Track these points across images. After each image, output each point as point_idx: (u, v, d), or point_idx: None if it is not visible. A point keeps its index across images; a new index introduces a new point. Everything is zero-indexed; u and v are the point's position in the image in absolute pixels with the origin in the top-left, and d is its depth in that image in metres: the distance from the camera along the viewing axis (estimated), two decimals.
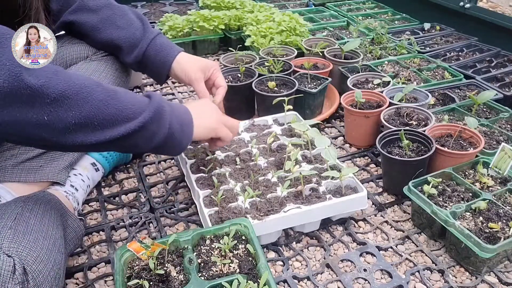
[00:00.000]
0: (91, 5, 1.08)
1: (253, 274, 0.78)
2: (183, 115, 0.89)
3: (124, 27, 1.09)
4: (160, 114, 0.81)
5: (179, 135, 0.86)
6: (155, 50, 1.10)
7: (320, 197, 1.00)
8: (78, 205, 1.06)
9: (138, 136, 0.78)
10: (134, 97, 0.80)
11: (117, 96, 0.76)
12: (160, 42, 1.11)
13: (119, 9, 1.11)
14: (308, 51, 1.71)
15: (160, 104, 0.82)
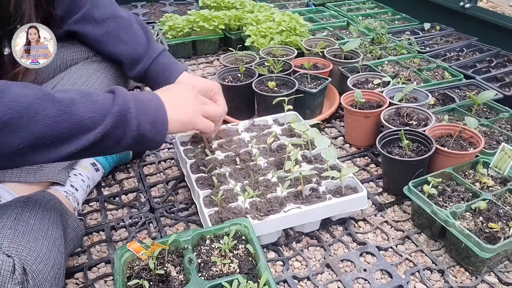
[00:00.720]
0: (97, 16, 1.04)
1: (253, 274, 0.78)
2: (154, 111, 0.82)
3: (128, 42, 1.06)
4: (124, 117, 0.75)
5: (150, 134, 0.81)
6: (157, 70, 1.08)
7: (320, 197, 1.00)
8: (78, 205, 1.05)
9: (102, 144, 0.74)
10: (94, 103, 0.73)
11: (73, 108, 0.70)
12: (163, 62, 1.08)
13: (124, 21, 1.07)
14: (308, 51, 1.71)
15: (124, 105, 0.76)
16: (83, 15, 1.03)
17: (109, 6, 1.06)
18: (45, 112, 0.66)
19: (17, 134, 0.64)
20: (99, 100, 0.74)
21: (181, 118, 0.87)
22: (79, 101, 0.71)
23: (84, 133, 0.71)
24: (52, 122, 0.67)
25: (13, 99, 0.64)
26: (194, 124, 0.92)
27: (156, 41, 1.11)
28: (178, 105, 0.87)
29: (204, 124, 0.94)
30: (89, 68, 1.08)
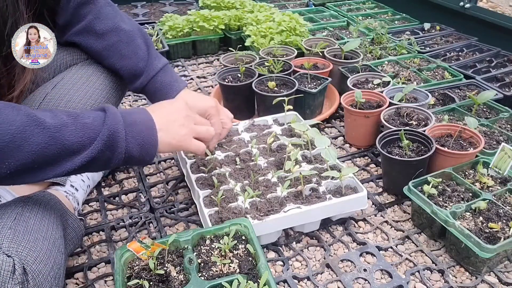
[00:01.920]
0: (98, 29, 1.01)
1: (253, 274, 0.78)
2: (144, 133, 0.80)
3: (128, 57, 1.03)
4: (114, 141, 0.75)
5: (139, 155, 0.79)
6: (155, 88, 1.06)
7: (320, 197, 1.00)
8: (78, 205, 1.05)
9: (90, 166, 0.74)
10: (84, 126, 0.72)
11: (62, 133, 0.69)
12: (161, 80, 1.06)
13: (126, 34, 1.03)
14: (308, 51, 1.71)
15: (114, 128, 0.75)
16: (84, 27, 1.00)
17: (112, 18, 1.03)
18: (34, 139, 0.66)
19: (4, 162, 0.64)
20: (88, 123, 0.73)
21: (172, 141, 0.85)
22: (68, 124, 0.70)
23: (72, 156, 0.70)
24: (40, 149, 0.66)
25: (1, 125, 0.63)
26: (185, 147, 0.89)
27: (158, 56, 1.08)
28: (170, 126, 0.85)
29: (195, 146, 0.90)
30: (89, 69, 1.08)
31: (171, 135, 0.85)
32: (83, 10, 1.00)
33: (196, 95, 1.09)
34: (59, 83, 1.02)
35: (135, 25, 1.07)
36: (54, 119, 0.70)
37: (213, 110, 1.05)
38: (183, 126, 0.87)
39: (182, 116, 0.88)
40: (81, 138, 0.71)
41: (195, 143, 0.90)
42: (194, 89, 1.76)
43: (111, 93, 1.07)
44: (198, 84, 1.79)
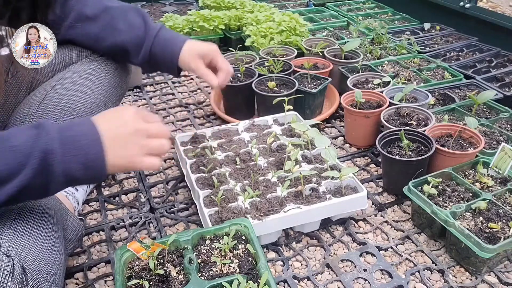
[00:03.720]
0: (89, 13, 1.02)
1: (253, 274, 0.78)
2: (87, 149, 0.69)
3: (126, 30, 1.04)
4: (46, 164, 0.65)
5: (83, 176, 0.70)
6: (161, 47, 1.07)
7: (320, 197, 1.00)
8: (78, 205, 1.05)
9: (23, 195, 0.66)
10: (12, 150, 0.64)
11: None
12: (164, 38, 1.07)
13: (117, 10, 1.05)
14: (308, 51, 1.71)
15: (46, 149, 0.65)
16: (76, 17, 1.01)
17: (99, 1, 1.05)
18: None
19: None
20: (16, 146, 0.64)
21: (120, 161, 0.73)
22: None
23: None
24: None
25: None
26: (137, 167, 0.78)
27: (153, 23, 1.10)
28: (118, 144, 0.73)
29: (149, 163, 0.78)
30: (88, 67, 1.07)
31: (119, 155, 0.73)
32: (70, 1, 1.02)
33: (199, 42, 1.12)
34: (58, 83, 1.02)
35: (124, 3, 1.09)
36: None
37: (215, 50, 1.11)
38: (133, 144, 0.75)
39: (132, 132, 0.75)
40: (8, 165, 0.63)
41: (148, 161, 0.77)
42: (194, 89, 1.76)
43: (111, 92, 1.07)
44: (198, 84, 1.79)
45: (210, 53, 1.10)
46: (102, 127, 0.72)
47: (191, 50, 1.08)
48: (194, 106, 1.63)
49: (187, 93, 1.73)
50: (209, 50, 1.10)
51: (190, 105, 1.64)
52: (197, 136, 1.21)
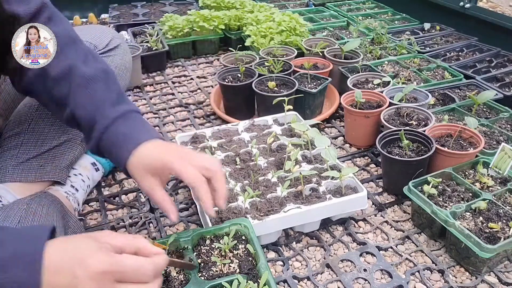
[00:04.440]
0: (52, 72, 0.81)
1: (253, 274, 0.78)
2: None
3: (82, 105, 0.80)
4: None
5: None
6: (110, 144, 0.78)
7: (320, 197, 1.00)
8: (78, 205, 1.06)
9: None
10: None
11: None
12: (117, 132, 0.78)
13: (82, 75, 0.81)
14: (308, 51, 1.71)
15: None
16: (38, 72, 0.81)
17: (70, 57, 0.82)
18: None
19: None
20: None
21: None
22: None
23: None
24: None
25: None
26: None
27: (120, 102, 0.82)
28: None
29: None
30: None
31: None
32: None
33: (157, 148, 0.77)
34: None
35: (100, 66, 0.85)
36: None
37: (176, 163, 0.74)
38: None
39: (91, 277, 0.53)
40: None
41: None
42: (194, 89, 1.76)
43: None
44: (198, 84, 1.79)
45: (165, 169, 0.76)
46: (49, 281, 0.52)
47: (140, 163, 0.76)
48: (194, 106, 1.63)
49: (187, 93, 1.73)
50: (163, 165, 0.75)
51: (190, 105, 1.64)
52: (197, 136, 1.21)
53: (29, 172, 0.97)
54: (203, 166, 0.76)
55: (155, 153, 0.76)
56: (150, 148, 0.77)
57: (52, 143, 1.02)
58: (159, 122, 1.52)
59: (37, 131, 1.01)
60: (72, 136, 1.05)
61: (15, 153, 0.97)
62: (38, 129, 1.01)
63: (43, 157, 1.00)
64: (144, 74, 1.87)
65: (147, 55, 1.82)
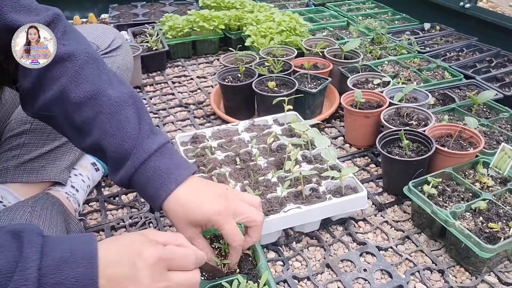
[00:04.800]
0: (73, 96, 0.74)
1: (253, 274, 0.78)
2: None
3: (111, 133, 0.74)
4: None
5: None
6: (145, 179, 0.73)
7: (320, 197, 1.00)
8: (78, 206, 1.06)
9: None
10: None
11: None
12: (155, 167, 0.73)
13: (109, 100, 0.75)
14: (308, 51, 1.71)
15: (22, 279, 0.50)
16: (56, 95, 0.75)
17: (94, 80, 0.76)
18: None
19: None
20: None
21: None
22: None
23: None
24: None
25: None
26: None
27: (154, 133, 0.77)
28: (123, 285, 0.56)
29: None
30: None
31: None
32: (55, 71, 0.74)
33: (198, 193, 0.74)
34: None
35: (126, 90, 0.78)
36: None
37: (220, 219, 0.72)
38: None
39: (147, 274, 0.57)
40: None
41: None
42: (194, 89, 1.76)
43: None
44: (198, 84, 1.79)
45: (211, 222, 0.73)
46: (103, 260, 0.55)
47: (180, 210, 0.73)
48: (194, 106, 1.63)
49: (187, 93, 1.73)
50: (207, 221, 0.73)
51: (190, 105, 1.64)
52: (197, 136, 1.21)
53: (30, 173, 0.97)
54: (248, 217, 0.75)
55: (197, 202, 0.73)
56: (191, 192, 0.74)
57: (54, 143, 1.02)
58: (159, 122, 1.52)
59: (39, 131, 1.01)
60: None
61: (16, 154, 0.97)
62: (40, 129, 1.01)
63: (44, 157, 1.00)
64: (144, 74, 1.87)
65: (147, 55, 1.82)
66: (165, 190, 0.72)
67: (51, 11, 0.77)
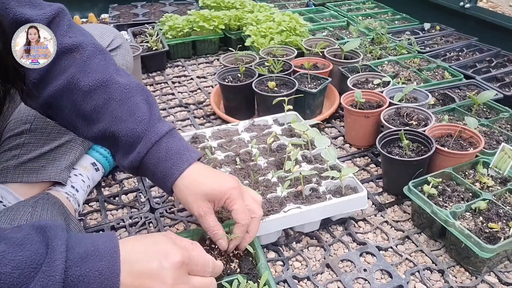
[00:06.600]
0: (83, 84, 0.76)
1: (253, 274, 0.78)
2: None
3: (123, 119, 0.76)
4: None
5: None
6: (157, 159, 0.76)
7: (320, 197, 1.00)
8: (78, 206, 1.06)
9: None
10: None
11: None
12: (167, 148, 0.77)
13: (119, 89, 0.78)
14: (308, 51, 1.71)
15: (50, 277, 0.51)
16: (65, 84, 0.76)
17: (102, 69, 0.78)
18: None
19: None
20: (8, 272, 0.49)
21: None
22: None
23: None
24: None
25: None
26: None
27: (162, 119, 0.81)
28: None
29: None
30: None
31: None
32: (63, 61, 0.77)
33: (210, 172, 0.80)
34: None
35: (133, 79, 0.82)
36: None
37: (235, 192, 0.77)
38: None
39: (167, 275, 0.60)
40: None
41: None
42: (194, 89, 1.76)
43: None
44: (198, 84, 1.79)
45: (224, 197, 0.77)
46: (126, 260, 0.57)
47: (196, 185, 0.77)
48: (194, 106, 1.63)
49: (187, 93, 1.73)
50: (225, 191, 0.77)
51: (190, 105, 1.64)
52: (197, 136, 1.21)
53: (30, 173, 0.97)
54: (250, 208, 0.79)
55: (212, 177, 0.77)
56: (204, 170, 0.78)
57: (54, 143, 1.02)
58: None
59: (39, 131, 1.01)
60: (73, 136, 1.05)
61: (16, 154, 0.97)
62: (40, 129, 1.01)
63: (44, 157, 1.00)
64: (144, 74, 1.87)
65: (147, 55, 1.82)
66: (177, 169, 0.76)
67: (55, 5, 0.79)
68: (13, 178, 0.95)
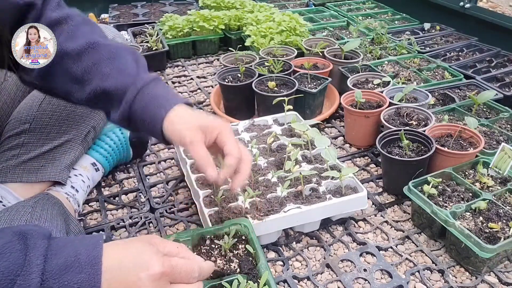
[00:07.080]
0: (70, 48, 0.79)
1: (253, 274, 0.78)
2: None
3: (112, 75, 0.79)
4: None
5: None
6: (144, 103, 0.77)
7: (320, 197, 1.00)
8: (78, 206, 1.05)
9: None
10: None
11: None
12: (153, 93, 0.78)
13: (107, 49, 0.81)
14: (308, 51, 1.71)
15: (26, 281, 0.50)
16: (56, 53, 0.78)
17: (88, 35, 0.82)
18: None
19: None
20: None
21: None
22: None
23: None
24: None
25: None
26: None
27: (148, 71, 0.84)
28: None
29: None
30: None
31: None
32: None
33: (199, 112, 0.82)
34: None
35: (121, 43, 0.85)
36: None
37: (227, 128, 0.79)
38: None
39: (153, 278, 0.58)
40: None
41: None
42: (194, 89, 1.76)
43: None
44: (198, 84, 1.79)
45: (216, 130, 0.78)
46: (108, 279, 0.55)
47: (187, 118, 0.77)
48: (194, 106, 1.63)
49: (187, 93, 1.73)
50: (217, 125, 0.79)
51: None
52: None
53: (30, 172, 0.97)
54: (243, 150, 0.80)
55: (202, 115, 0.79)
56: (193, 110, 0.79)
57: (53, 143, 1.02)
58: None
59: (38, 131, 1.01)
60: (73, 136, 1.05)
61: (16, 153, 0.97)
62: (39, 129, 1.01)
63: (44, 157, 1.00)
64: None
65: (147, 55, 1.82)
66: (165, 109, 0.76)
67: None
68: (13, 178, 0.95)
